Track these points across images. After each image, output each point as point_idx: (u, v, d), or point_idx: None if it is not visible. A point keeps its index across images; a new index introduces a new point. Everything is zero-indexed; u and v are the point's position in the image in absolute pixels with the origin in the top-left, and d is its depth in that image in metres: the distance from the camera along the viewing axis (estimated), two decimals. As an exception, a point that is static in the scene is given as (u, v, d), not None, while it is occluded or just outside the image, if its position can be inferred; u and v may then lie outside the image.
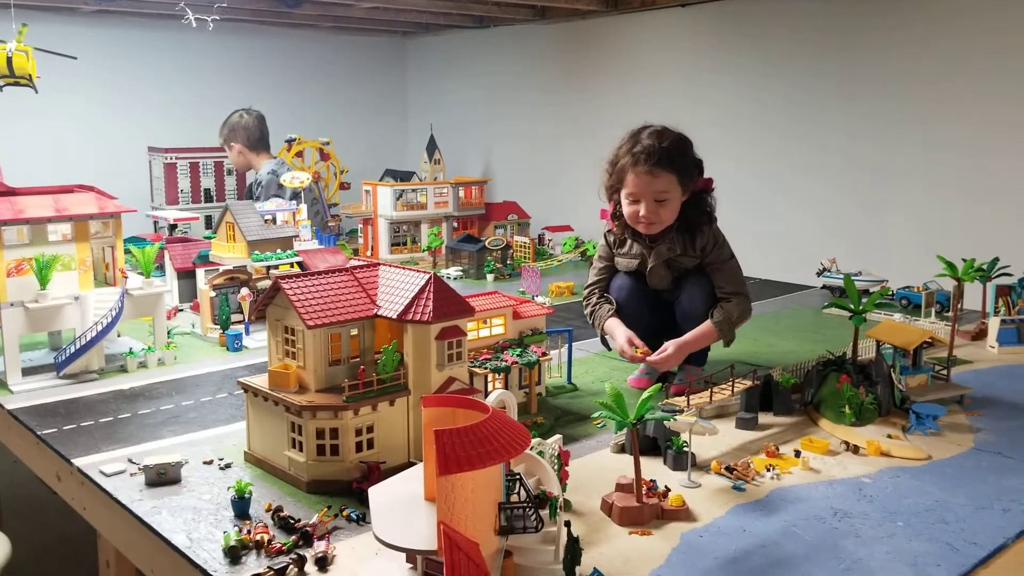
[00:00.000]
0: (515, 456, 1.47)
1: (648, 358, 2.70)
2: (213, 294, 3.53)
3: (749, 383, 2.57)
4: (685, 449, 2.21)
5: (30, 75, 4.03)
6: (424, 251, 5.31)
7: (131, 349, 3.16)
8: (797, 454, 2.32)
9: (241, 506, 1.97)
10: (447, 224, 5.70)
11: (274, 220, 3.70)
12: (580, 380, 2.98)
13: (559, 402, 2.79)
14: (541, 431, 2.42)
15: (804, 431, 2.52)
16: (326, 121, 6.94)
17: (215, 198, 5.92)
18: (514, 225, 6.05)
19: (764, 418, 2.60)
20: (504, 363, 2.49)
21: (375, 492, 1.65)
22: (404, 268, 2.30)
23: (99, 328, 2.96)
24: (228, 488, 2.00)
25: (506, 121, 7.08)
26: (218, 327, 3.49)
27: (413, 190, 5.54)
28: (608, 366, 3.20)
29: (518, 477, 1.60)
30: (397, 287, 2.25)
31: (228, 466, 2.26)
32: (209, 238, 3.85)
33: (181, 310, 3.95)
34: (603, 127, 6.27)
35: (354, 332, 2.21)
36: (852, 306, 2.69)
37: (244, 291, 3.53)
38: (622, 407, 1.93)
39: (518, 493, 1.58)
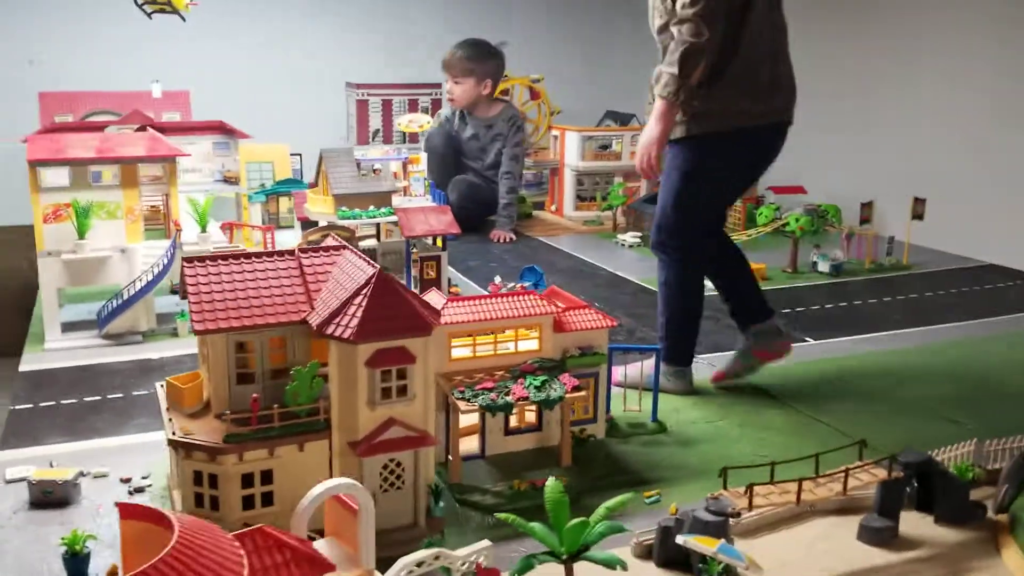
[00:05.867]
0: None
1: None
2: (301, 252, 3.09)
3: (882, 474, 1.63)
4: (723, 582, 1.39)
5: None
6: (603, 210, 4.55)
7: (184, 311, 2.81)
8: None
9: (75, 567, 1.47)
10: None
11: (383, 171, 3.17)
12: (672, 418, 2.17)
13: (622, 450, 2.01)
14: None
15: (981, 560, 1.57)
16: (538, 55, 6.25)
17: (408, 139, 5.53)
18: (735, 183, 5.07)
19: (914, 524, 1.67)
20: (505, 399, 1.76)
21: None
22: (360, 256, 1.65)
23: (140, 284, 2.63)
24: (61, 541, 1.50)
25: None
26: (299, 290, 3.05)
27: (605, 136, 4.77)
28: (717, 402, 2.32)
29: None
30: (345, 283, 1.62)
31: (140, 491, 1.79)
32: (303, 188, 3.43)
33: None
34: (895, 78, 5.02)
35: (276, 341, 1.62)
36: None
37: (331, 251, 3.05)
38: (560, 520, 1.17)
39: None
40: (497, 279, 3.31)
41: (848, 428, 2.11)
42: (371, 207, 3.05)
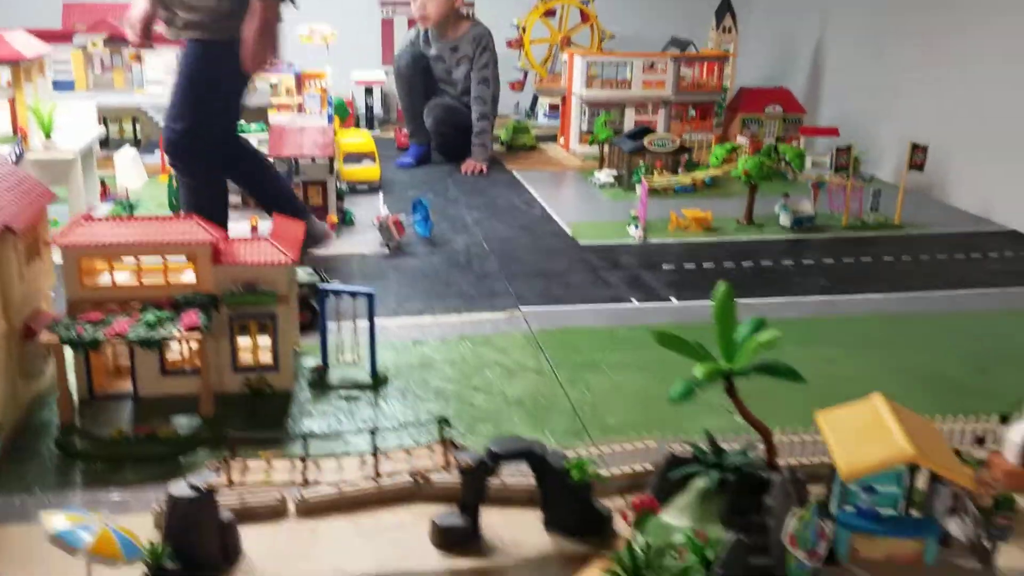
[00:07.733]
0: None
1: None
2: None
3: (440, 460, 1.29)
4: None
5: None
6: (591, 144, 4.13)
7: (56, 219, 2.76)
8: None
9: None
10: (664, 111, 4.41)
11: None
12: (410, 375, 1.89)
13: (300, 406, 1.76)
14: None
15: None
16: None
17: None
18: (776, 120, 4.50)
19: (524, 528, 1.34)
20: (93, 334, 1.55)
21: None
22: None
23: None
24: None
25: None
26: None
27: (613, 63, 4.32)
28: (493, 361, 2.00)
29: None
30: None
31: None
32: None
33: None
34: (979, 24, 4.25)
35: None
36: None
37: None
38: None
39: None
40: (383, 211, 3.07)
41: (590, 409, 1.76)
42: (241, 122, 2.88)
